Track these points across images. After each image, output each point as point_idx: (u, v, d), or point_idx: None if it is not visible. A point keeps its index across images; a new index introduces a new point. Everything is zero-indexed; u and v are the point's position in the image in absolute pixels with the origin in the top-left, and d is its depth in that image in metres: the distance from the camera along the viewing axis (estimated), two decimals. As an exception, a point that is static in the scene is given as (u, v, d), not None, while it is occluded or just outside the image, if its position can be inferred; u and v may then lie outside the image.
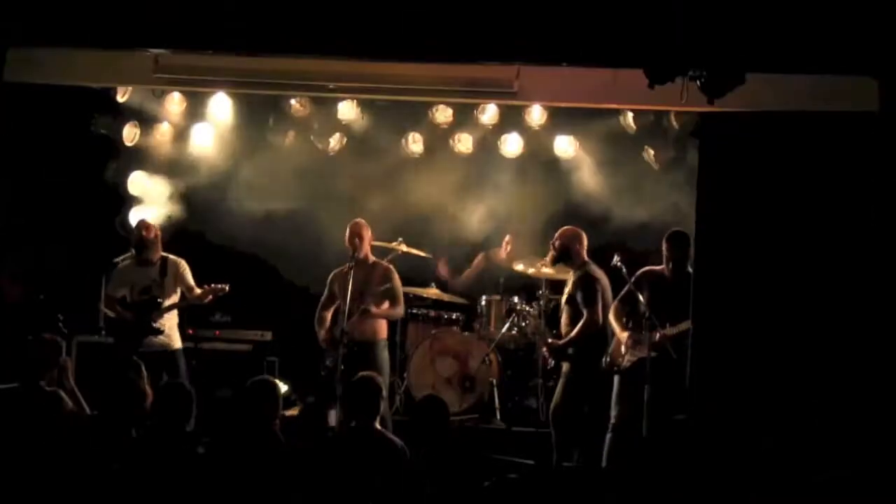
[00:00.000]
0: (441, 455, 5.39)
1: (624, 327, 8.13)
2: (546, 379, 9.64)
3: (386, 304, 8.66)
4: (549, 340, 8.63)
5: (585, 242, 8.52)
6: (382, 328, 8.79)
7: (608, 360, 8.23)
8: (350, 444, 6.17)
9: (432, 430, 5.95)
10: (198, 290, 8.96)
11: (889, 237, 5.81)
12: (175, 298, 8.92)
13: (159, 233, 9.13)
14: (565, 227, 8.69)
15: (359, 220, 8.86)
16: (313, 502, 4.37)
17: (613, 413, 8.04)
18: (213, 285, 9.00)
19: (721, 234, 6.48)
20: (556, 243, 8.60)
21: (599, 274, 8.44)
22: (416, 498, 5.21)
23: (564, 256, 8.53)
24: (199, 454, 5.96)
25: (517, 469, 6.27)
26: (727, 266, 6.46)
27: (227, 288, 9.01)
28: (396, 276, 8.75)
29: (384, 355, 8.71)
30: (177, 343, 8.96)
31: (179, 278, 8.98)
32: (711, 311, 6.47)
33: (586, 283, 8.32)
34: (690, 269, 7.90)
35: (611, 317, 8.29)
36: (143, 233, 9.01)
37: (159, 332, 8.83)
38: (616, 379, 8.15)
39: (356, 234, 8.73)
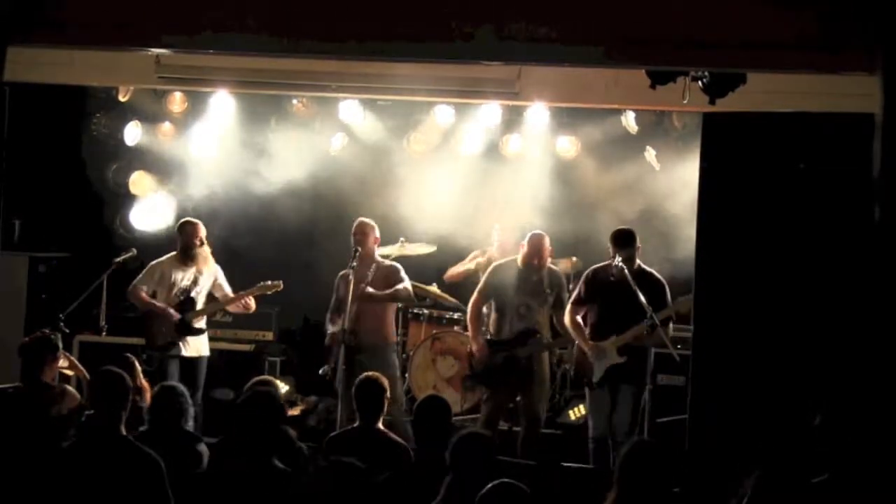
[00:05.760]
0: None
1: (584, 336, 8.14)
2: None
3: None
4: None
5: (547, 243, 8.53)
6: (391, 331, 8.78)
7: (575, 371, 8.33)
8: (353, 443, 6.16)
9: (434, 430, 5.93)
10: (231, 295, 8.95)
11: (891, 237, 5.80)
12: (206, 300, 8.93)
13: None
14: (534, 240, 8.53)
15: (363, 219, 8.83)
16: (315, 501, 4.36)
17: (591, 423, 8.13)
18: (263, 283, 8.99)
19: (722, 234, 6.47)
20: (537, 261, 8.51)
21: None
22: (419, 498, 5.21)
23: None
24: (200, 452, 5.94)
25: (519, 470, 6.26)
26: (728, 267, 6.45)
27: (280, 285, 9.00)
28: (402, 273, 8.72)
29: (394, 359, 8.70)
30: (206, 350, 8.96)
31: (217, 286, 8.97)
32: (713, 311, 6.46)
33: (562, 283, 8.56)
34: (640, 265, 8.04)
35: (567, 323, 8.27)
36: (193, 232, 8.92)
37: (201, 331, 8.83)
38: (586, 390, 8.21)
39: (358, 233, 8.71)
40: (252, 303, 9.00)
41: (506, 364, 8.40)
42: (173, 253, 8.97)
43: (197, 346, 8.81)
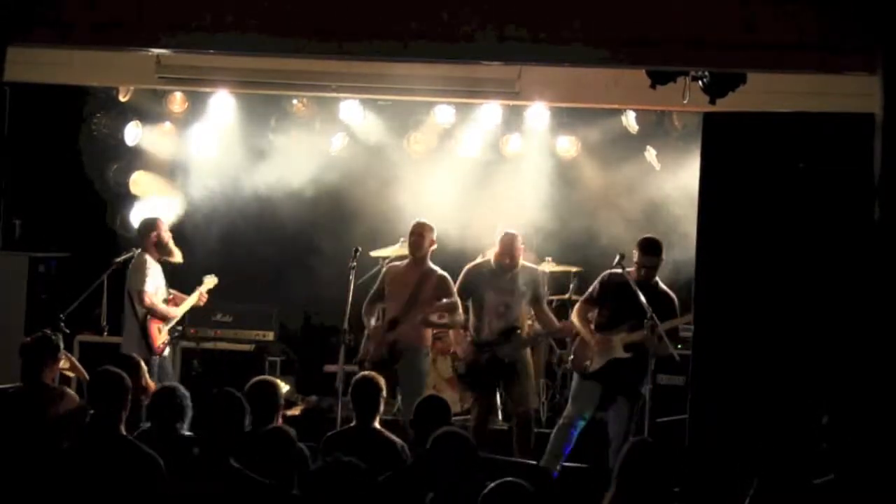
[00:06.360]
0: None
1: (590, 329, 8.16)
2: (549, 379, 9.65)
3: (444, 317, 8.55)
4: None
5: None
6: (428, 335, 8.67)
7: (572, 361, 8.30)
8: (349, 443, 6.16)
9: (433, 430, 5.92)
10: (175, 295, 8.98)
11: (891, 237, 5.80)
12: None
13: None
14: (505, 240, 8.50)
15: (421, 220, 8.69)
16: (311, 501, 4.36)
17: (567, 410, 8.18)
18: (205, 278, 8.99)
19: (722, 234, 6.47)
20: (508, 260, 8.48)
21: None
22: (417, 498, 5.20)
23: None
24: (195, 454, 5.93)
25: (518, 469, 6.25)
26: (728, 267, 6.44)
27: (214, 279, 8.97)
28: (453, 286, 8.57)
29: (424, 365, 8.62)
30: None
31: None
32: (713, 311, 6.46)
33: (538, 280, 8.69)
34: (657, 281, 8.07)
35: (574, 318, 8.32)
36: (163, 227, 8.85)
37: (178, 331, 8.85)
38: (575, 377, 8.27)
39: (415, 233, 8.57)
40: (205, 295, 9.02)
41: (489, 364, 8.42)
42: (140, 250, 8.79)
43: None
